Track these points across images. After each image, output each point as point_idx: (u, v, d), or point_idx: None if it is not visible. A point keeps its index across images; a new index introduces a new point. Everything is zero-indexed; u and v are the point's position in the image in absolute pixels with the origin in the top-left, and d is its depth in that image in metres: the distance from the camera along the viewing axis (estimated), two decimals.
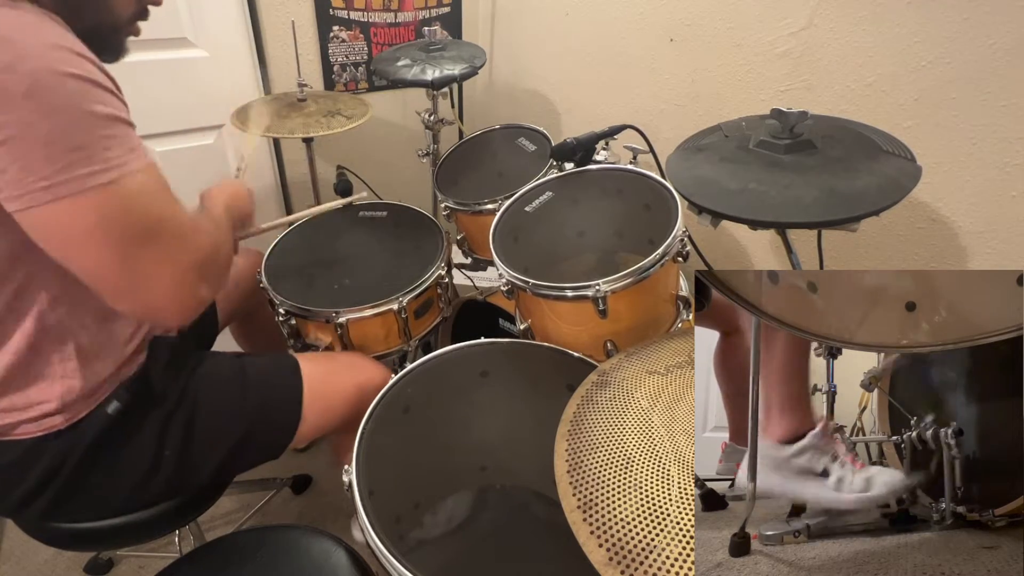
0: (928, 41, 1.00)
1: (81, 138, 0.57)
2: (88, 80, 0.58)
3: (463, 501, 0.79)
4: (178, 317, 0.69)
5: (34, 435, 0.76)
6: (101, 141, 0.58)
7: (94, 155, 0.58)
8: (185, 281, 0.67)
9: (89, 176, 0.58)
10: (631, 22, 1.50)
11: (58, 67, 0.56)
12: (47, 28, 0.59)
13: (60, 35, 0.59)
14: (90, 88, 0.59)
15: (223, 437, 0.89)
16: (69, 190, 0.57)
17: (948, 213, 1.06)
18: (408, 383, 0.89)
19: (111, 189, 0.59)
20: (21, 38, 0.56)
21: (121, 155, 0.60)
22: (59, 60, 0.57)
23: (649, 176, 1.02)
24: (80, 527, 0.86)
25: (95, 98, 0.59)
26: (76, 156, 0.57)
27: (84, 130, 0.57)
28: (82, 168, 0.57)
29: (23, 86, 0.54)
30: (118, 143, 0.60)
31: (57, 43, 0.58)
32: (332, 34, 1.74)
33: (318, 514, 1.51)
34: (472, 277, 1.54)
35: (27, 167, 0.55)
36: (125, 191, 0.60)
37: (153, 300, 0.66)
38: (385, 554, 0.66)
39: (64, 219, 0.58)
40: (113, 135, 0.60)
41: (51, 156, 0.56)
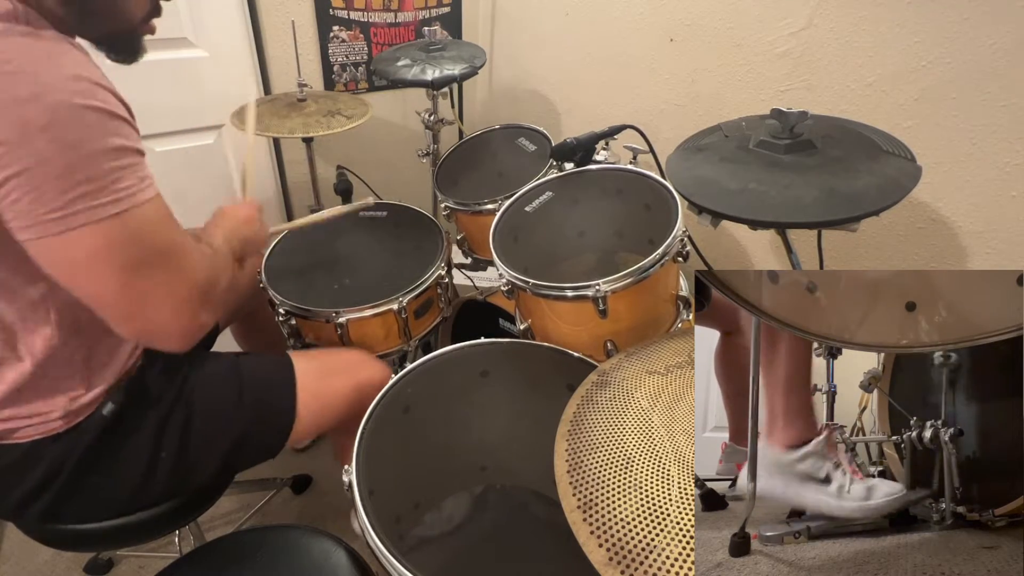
0: (928, 41, 1.00)
1: (94, 170, 0.58)
2: (106, 112, 0.60)
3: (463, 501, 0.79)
4: (179, 342, 0.71)
5: (32, 438, 0.76)
6: (113, 172, 0.60)
7: (106, 187, 0.59)
8: (186, 307, 0.69)
9: (100, 207, 0.59)
10: (631, 22, 1.50)
11: (77, 100, 0.57)
12: (68, 58, 0.60)
13: (81, 65, 0.60)
14: (107, 120, 0.60)
15: (220, 437, 0.89)
16: (80, 221, 0.58)
17: (948, 213, 1.06)
18: (408, 383, 0.89)
19: (120, 219, 0.61)
20: (43, 71, 0.57)
21: (131, 185, 0.61)
22: (78, 92, 0.58)
23: (649, 176, 1.02)
24: (80, 528, 0.86)
25: (111, 130, 0.60)
26: (88, 188, 0.58)
27: (98, 163, 0.59)
28: (94, 200, 0.58)
29: (43, 120, 0.55)
30: (129, 173, 0.61)
31: (78, 74, 0.59)
32: (332, 34, 1.74)
33: (318, 514, 1.51)
34: (472, 277, 1.54)
35: (39, 199, 0.56)
36: (133, 220, 0.62)
37: (155, 325, 0.68)
38: (385, 554, 0.66)
39: (72, 248, 0.60)
40: (125, 166, 0.61)
41: (64, 188, 0.57)
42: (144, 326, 0.68)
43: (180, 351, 0.71)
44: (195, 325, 0.71)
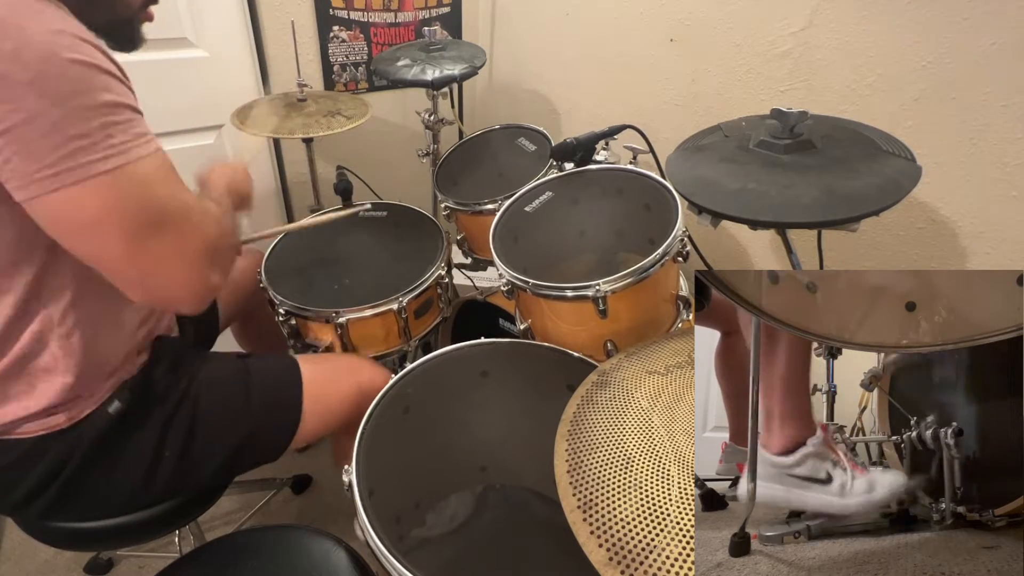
0: (928, 41, 1.00)
1: (84, 125, 0.57)
2: (92, 66, 0.58)
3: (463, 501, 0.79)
4: (191, 303, 0.69)
5: (36, 434, 0.76)
6: (105, 128, 0.58)
7: (98, 142, 0.57)
8: (196, 266, 0.67)
9: (93, 163, 0.57)
10: (631, 22, 1.50)
11: (62, 53, 0.56)
12: (50, 13, 0.58)
13: (63, 20, 0.59)
14: (94, 74, 0.58)
15: (224, 438, 0.89)
16: (73, 178, 0.57)
17: (948, 213, 1.06)
18: (408, 383, 0.89)
19: (116, 175, 0.59)
20: (26, 23, 0.55)
21: (125, 141, 0.60)
22: (63, 46, 0.56)
23: (649, 176, 1.02)
24: (80, 527, 0.86)
25: (99, 84, 0.58)
26: (80, 144, 0.56)
27: (87, 117, 0.57)
28: (85, 156, 0.57)
29: (27, 74, 0.54)
30: (122, 129, 0.60)
31: (61, 28, 0.57)
32: (332, 34, 1.74)
33: (318, 514, 1.51)
34: (472, 277, 1.54)
35: (30, 156, 0.55)
36: (131, 177, 0.60)
37: (165, 286, 0.66)
38: (385, 554, 0.66)
39: (70, 207, 0.58)
40: (116, 121, 0.59)
41: (54, 144, 0.55)
42: (154, 288, 0.66)
43: (192, 312, 0.70)
44: (206, 285, 0.69)
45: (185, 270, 0.66)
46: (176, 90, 1.53)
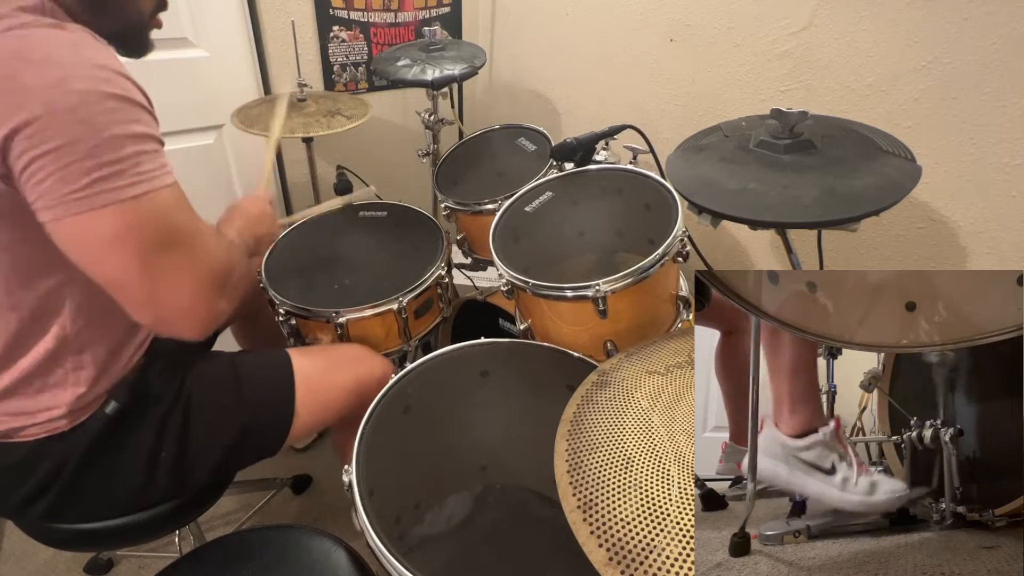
0: (928, 41, 1.00)
1: (117, 153, 0.60)
2: (127, 99, 0.62)
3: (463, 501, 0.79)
4: (197, 328, 0.71)
5: (38, 437, 0.76)
6: (135, 156, 0.62)
7: (127, 169, 0.61)
8: (204, 292, 0.70)
9: (121, 189, 0.61)
10: (631, 22, 1.50)
11: (101, 87, 0.60)
12: (92, 48, 0.62)
13: (103, 55, 0.63)
14: (129, 107, 0.62)
15: (219, 435, 0.89)
16: (102, 201, 0.60)
17: (948, 213, 1.06)
18: (408, 383, 0.89)
19: (140, 201, 0.62)
20: (68, 59, 0.60)
21: (152, 170, 0.63)
22: (103, 80, 0.60)
23: (649, 176, 1.02)
24: (80, 527, 0.86)
25: (132, 117, 0.62)
26: (112, 170, 0.60)
27: (119, 146, 0.60)
28: (116, 181, 0.60)
29: (70, 103, 0.58)
30: (149, 159, 0.63)
31: (101, 63, 0.61)
32: (332, 34, 1.74)
33: (318, 514, 1.51)
34: (472, 277, 1.54)
35: (64, 178, 0.58)
36: (153, 204, 0.64)
37: (173, 310, 0.69)
38: (385, 554, 0.66)
39: (94, 228, 0.61)
40: (145, 151, 0.63)
41: (88, 169, 0.59)
42: (163, 311, 0.69)
43: (197, 338, 0.72)
44: (213, 311, 0.72)
45: (194, 293, 0.69)
46: (176, 90, 1.53)
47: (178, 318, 0.70)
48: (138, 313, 0.68)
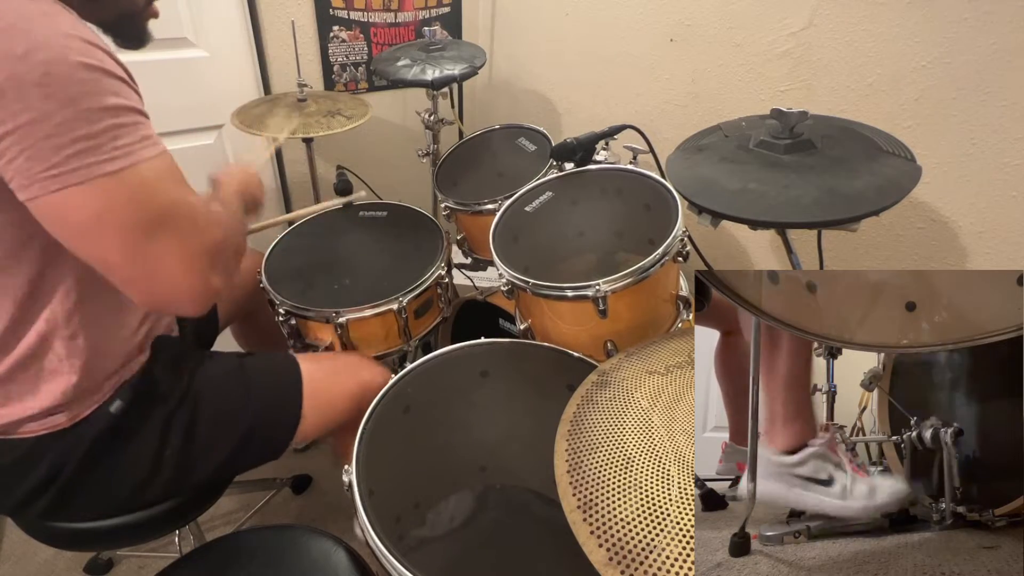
0: (928, 41, 1.00)
1: (90, 127, 0.57)
2: (100, 69, 0.59)
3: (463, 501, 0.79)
4: (191, 305, 0.69)
5: (37, 434, 0.76)
6: (110, 130, 0.59)
7: (103, 144, 0.58)
8: (196, 269, 0.67)
9: (96, 165, 0.58)
10: (631, 22, 1.50)
11: (71, 56, 0.56)
12: (61, 17, 0.59)
13: (73, 24, 0.59)
14: (101, 77, 0.59)
15: (224, 437, 0.89)
16: (77, 179, 0.57)
17: (948, 213, 1.06)
18: (408, 383, 0.89)
19: (119, 177, 0.59)
20: (35, 27, 0.56)
21: (131, 143, 0.60)
22: (72, 49, 0.57)
23: (649, 176, 1.02)
24: (80, 527, 0.86)
25: (106, 88, 0.59)
26: (84, 145, 0.57)
27: (93, 119, 0.57)
28: (91, 157, 0.57)
29: (36, 75, 0.54)
30: (128, 132, 0.60)
31: (70, 32, 0.58)
32: (332, 34, 1.74)
33: (318, 514, 1.51)
34: (472, 277, 1.54)
35: (35, 156, 0.56)
36: (134, 179, 0.61)
37: (165, 288, 0.66)
38: (385, 554, 0.66)
39: (74, 207, 0.59)
40: (122, 124, 0.60)
41: (59, 145, 0.56)
42: (155, 289, 0.66)
43: (194, 315, 0.70)
44: (207, 287, 0.69)
45: (186, 271, 0.66)
46: (176, 90, 1.53)
47: (172, 295, 0.67)
48: (131, 292, 0.66)
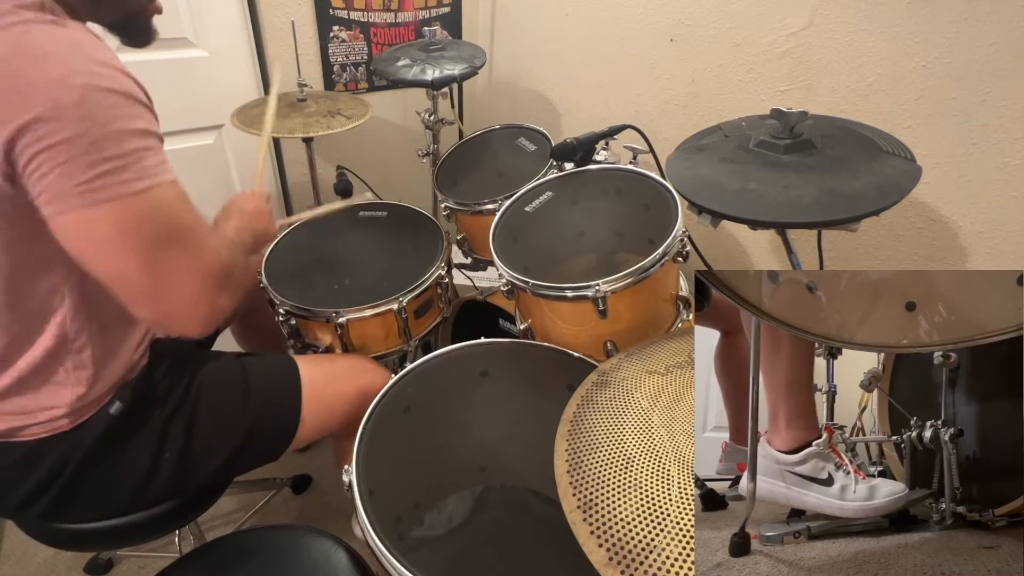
0: (928, 41, 1.00)
1: (120, 148, 0.60)
2: (128, 95, 0.63)
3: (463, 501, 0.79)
4: (198, 325, 0.71)
5: (38, 436, 0.76)
6: (137, 152, 0.62)
7: (130, 164, 0.61)
8: (206, 288, 0.69)
9: (124, 183, 0.61)
10: (631, 22, 1.50)
11: (103, 83, 0.60)
12: (92, 45, 0.63)
13: (103, 52, 0.63)
14: (130, 103, 0.63)
15: (223, 438, 0.89)
16: (105, 196, 0.60)
17: (948, 213, 1.06)
18: (408, 383, 0.89)
19: (143, 196, 0.63)
20: (70, 56, 0.60)
21: (154, 165, 0.64)
22: (104, 76, 0.61)
23: (649, 176, 1.02)
24: (80, 527, 0.86)
25: (133, 113, 0.63)
26: (115, 164, 0.60)
27: (123, 141, 0.61)
28: (119, 175, 0.60)
29: (73, 98, 0.58)
30: (151, 155, 0.64)
31: (102, 60, 0.62)
32: (332, 34, 1.74)
33: (318, 514, 1.51)
34: (472, 277, 1.54)
35: (68, 172, 0.58)
36: (154, 199, 0.64)
37: (174, 306, 0.68)
38: (385, 554, 0.66)
39: (97, 223, 0.61)
40: (148, 147, 0.63)
41: (91, 163, 0.59)
42: (164, 307, 0.68)
43: (199, 335, 0.71)
44: (214, 308, 0.71)
45: (195, 289, 0.69)
46: (176, 90, 1.53)
47: (179, 315, 0.69)
48: (139, 310, 0.68)
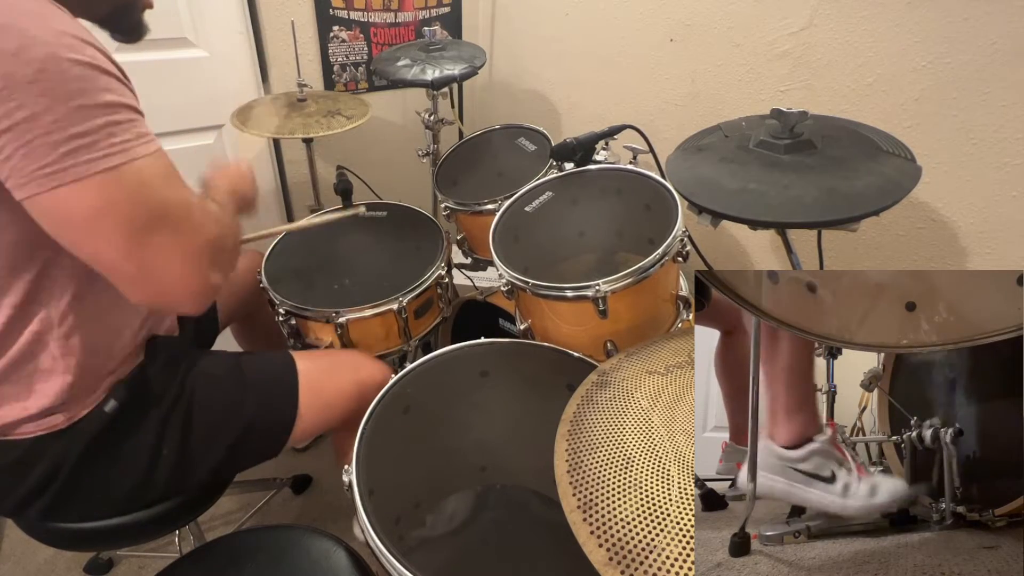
0: (928, 41, 1.00)
1: (86, 124, 0.57)
2: (94, 66, 0.59)
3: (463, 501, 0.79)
4: (190, 303, 0.69)
5: (34, 435, 0.76)
6: (106, 127, 0.59)
7: (98, 141, 0.58)
8: (195, 265, 0.67)
9: (92, 162, 0.58)
10: (631, 22, 1.50)
11: (64, 54, 0.56)
12: (53, 15, 0.59)
13: (66, 22, 0.59)
14: (96, 75, 0.59)
15: (221, 435, 0.89)
16: (73, 176, 0.57)
17: (948, 213, 1.06)
18: (408, 383, 0.89)
19: (115, 174, 0.59)
20: (28, 25, 0.56)
21: (126, 140, 0.60)
22: (65, 47, 0.57)
23: (649, 176, 1.02)
24: (80, 527, 0.86)
25: (100, 85, 0.59)
26: (81, 142, 0.57)
27: (89, 116, 0.57)
28: (87, 154, 0.57)
29: (30, 72, 0.54)
30: (123, 129, 0.60)
31: (63, 30, 0.58)
32: (332, 34, 1.74)
33: (318, 514, 1.51)
34: (472, 277, 1.54)
35: (31, 154, 0.56)
36: (130, 176, 0.60)
37: (164, 286, 0.66)
38: (385, 554, 0.66)
39: (70, 204, 0.58)
40: (117, 121, 0.60)
41: (55, 142, 0.56)
42: (154, 287, 0.66)
43: (193, 313, 0.70)
44: (206, 284, 0.69)
45: (184, 268, 0.66)
46: (176, 90, 1.53)
47: (171, 293, 0.67)
48: (130, 291, 0.66)
